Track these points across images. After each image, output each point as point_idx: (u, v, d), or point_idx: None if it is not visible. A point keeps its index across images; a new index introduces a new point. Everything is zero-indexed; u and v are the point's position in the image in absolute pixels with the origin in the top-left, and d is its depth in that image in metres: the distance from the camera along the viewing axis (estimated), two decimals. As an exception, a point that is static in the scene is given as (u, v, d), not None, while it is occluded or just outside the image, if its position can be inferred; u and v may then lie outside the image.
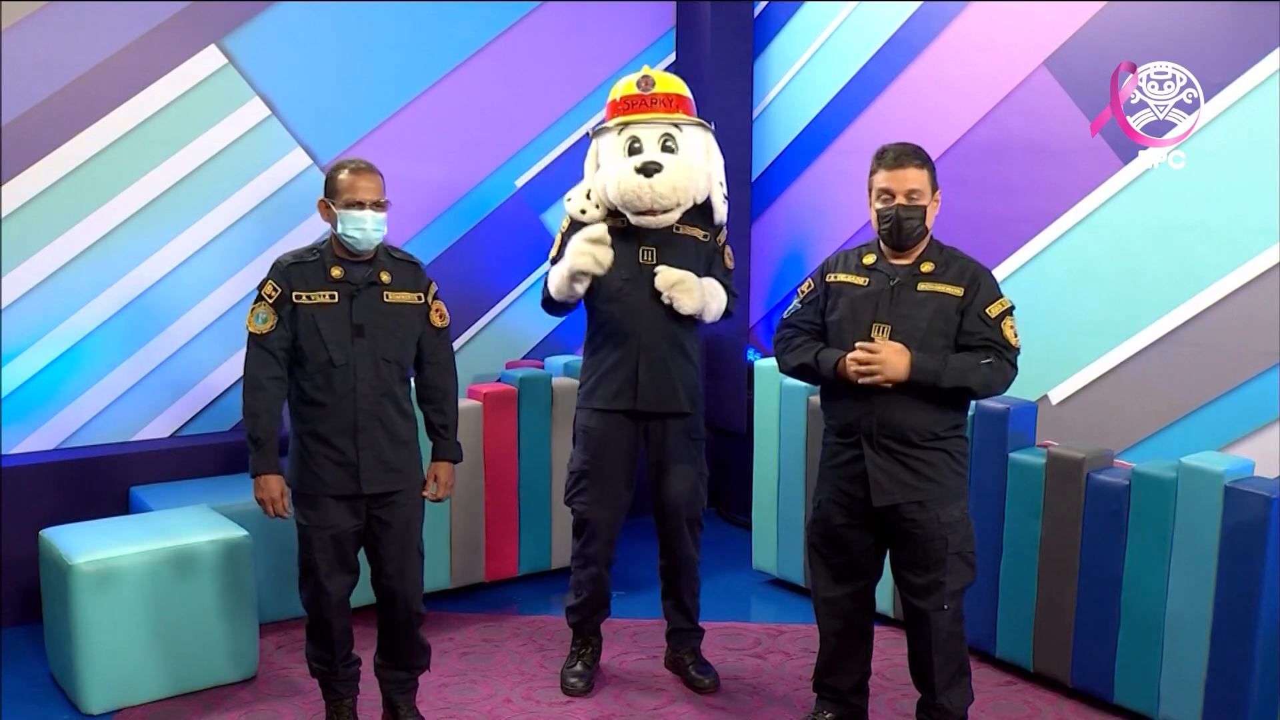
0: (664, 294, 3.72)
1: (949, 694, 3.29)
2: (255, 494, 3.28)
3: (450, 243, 5.19)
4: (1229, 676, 3.41)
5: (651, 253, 3.77)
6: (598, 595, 3.91)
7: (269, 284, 3.27)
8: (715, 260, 3.91)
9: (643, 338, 3.76)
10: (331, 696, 3.50)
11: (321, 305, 3.26)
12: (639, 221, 3.73)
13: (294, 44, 4.74)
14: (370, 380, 3.28)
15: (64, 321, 4.44)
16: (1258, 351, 3.83)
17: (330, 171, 3.33)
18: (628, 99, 3.83)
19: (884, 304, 3.21)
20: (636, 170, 3.66)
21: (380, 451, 3.31)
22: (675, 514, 3.87)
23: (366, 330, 3.27)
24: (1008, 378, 3.19)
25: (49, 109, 4.31)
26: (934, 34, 4.78)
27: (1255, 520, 3.32)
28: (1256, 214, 3.81)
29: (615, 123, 3.82)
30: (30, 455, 4.41)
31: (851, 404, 3.22)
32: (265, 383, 3.25)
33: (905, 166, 3.16)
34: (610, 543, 3.87)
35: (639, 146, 3.76)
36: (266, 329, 3.25)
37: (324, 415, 3.27)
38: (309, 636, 3.43)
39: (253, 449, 3.26)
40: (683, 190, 3.71)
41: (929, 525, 3.18)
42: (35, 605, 4.16)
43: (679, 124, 3.81)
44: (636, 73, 3.89)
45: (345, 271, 3.28)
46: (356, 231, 3.24)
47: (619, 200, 3.70)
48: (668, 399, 3.79)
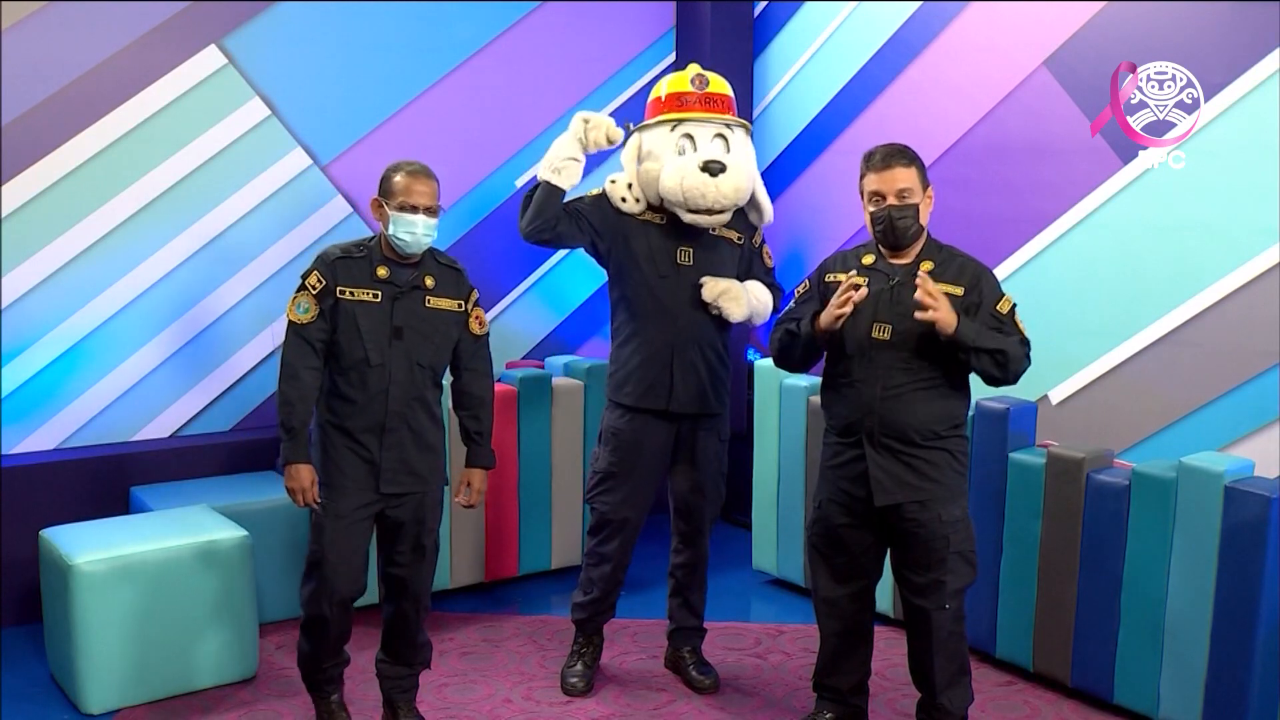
0: (711, 304, 3.71)
1: (949, 694, 3.29)
2: (286, 483, 3.27)
3: (450, 243, 5.18)
4: (1229, 676, 3.41)
5: (688, 253, 3.76)
6: (608, 595, 3.90)
7: (314, 274, 3.26)
8: (755, 261, 3.92)
9: (676, 338, 3.74)
10: (317, 694, 3.50)
11: (363, 303, 3.26)
12: (693, 219, 3.70)
13: (294, 44, 4.74)
14: (403, 383, 3.28)
15: (64, 321, 4.44)
16: (1258, 351, 3.83)
17: (387, 171, 3.33)
18: (681, 96, 3.79)
19: (884, 304, 3.21)
20: (701, 168, 3.63)
21: (404, 453, 3.31)
22: (700, 514, 3.88)
23: (405, 333, 3.28)
24: (1027, 362, 3.19)
25: (49, 109, 4.31)
26: (934, 34, 4.78)
27: (1255, 520, 3.32)
28: (1256, 214, 3.81)
29: (668, 118, 3.78)
30: (30, 455, 4.41)
31: (853, 404, 3.22)
32: (302, 372, 3.24)
33: (892, 167, 3.17)
34: (630, 544, 3.86)
35: (693, 142, 3.74)
36: (307, 319, 3.24)
37: (353, 412, 3.27)
38: (303, 632, 3.41)
39: (286, 438, 3.24)
40: (742, 193, 3.71)
41: (930, 525, 3.18)
42: (35, 605, 4.16)
43: (731, 125, 3.80)
44: (686, 69, 3.86)
45: (391, 272, 3.29)
46: (407, 235, 3.25)
47: (678, 196, 3.66)
48: (700, 400, 3.78)
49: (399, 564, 3.40)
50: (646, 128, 3.83)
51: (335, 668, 3.49)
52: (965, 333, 3.08)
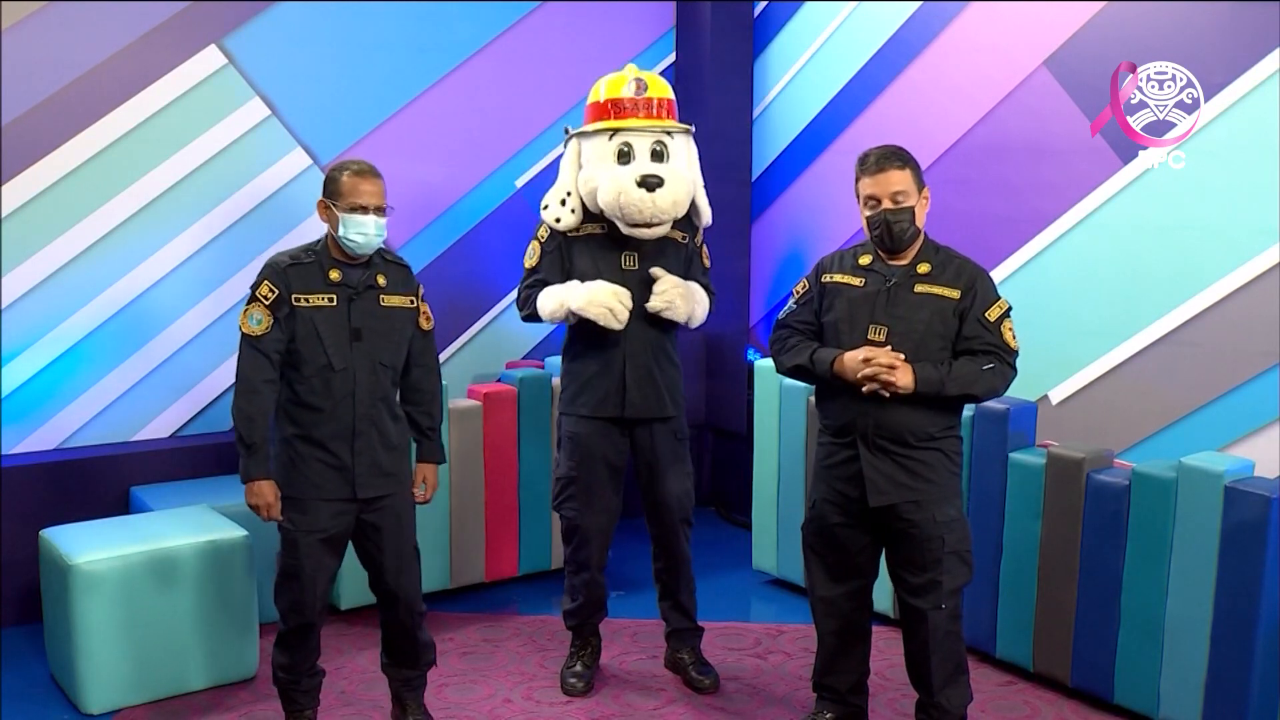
0: (656, 300, 3.69)
1: (947, 693, 3.29)
2: (248, 499, 3.22)
3: (450, 243, 5.19)
4: (1229, 676, 3.41)
5: (634, 258, 3.76)
6: (593, 599, 3.91)
7: (265, 285, 3.20)
8: (694, 261, 3.91)
9: (627, 345, 3.73)
10: (292, 708, 3.44)
11: (319, 308, 3.22)
12: (632, 233, 3.69)
13: (294, 44, 4.74)
14: (368, 384, 3.26)
15: (64, 322, 4.44)
16: (1258, 351, 3.82)
17: (331, 172, 3.29)
18: (616, 103, 3.76)
19: (881, 305, 3.21)
20: (638, 183, 3.61)
21: (375, 456, 3.28)
22: (669, 515, 3.87)
23: (364, 334, 3.25)
24: (1008, 379, 3.21)
25: (49, 109, 4.31)
26: (934, 34, 4.78)
27: (1255, 520, 3.32)
28: (1256, 214, 3.81)
29: (605, 127, 3.75)
30: (30, 455, 4.41)
31: (847, 405, 3.22)
32: (259, 385, 3.19)
33: (887, 170, 3.16)
34: (602, 548, 3.87)
35: (630, 153, 3.72)
36: (261, 330, 3.19)
37: (320, 420, 3.22)
38: (280, 644, 3.37)
39: (245, 453, 3.19)
40: (680, 204, 3.69)
41: (925, 525, 3.18)
42: (35, 605, 4.16)
43: (670, 131, 3.78)
44: (620, 72, 3.83)
45: (343, 274, 3.25)
46: (359, 236, 3.21)
47: (616, 210, 3.65)
48: (654, 405, 3.78)
49: (386, 578, 3.38)
50: (585, 135, 3.81)
51: (312, 679, 3.44)
52: (927, 387, 3.10)
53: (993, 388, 3.18)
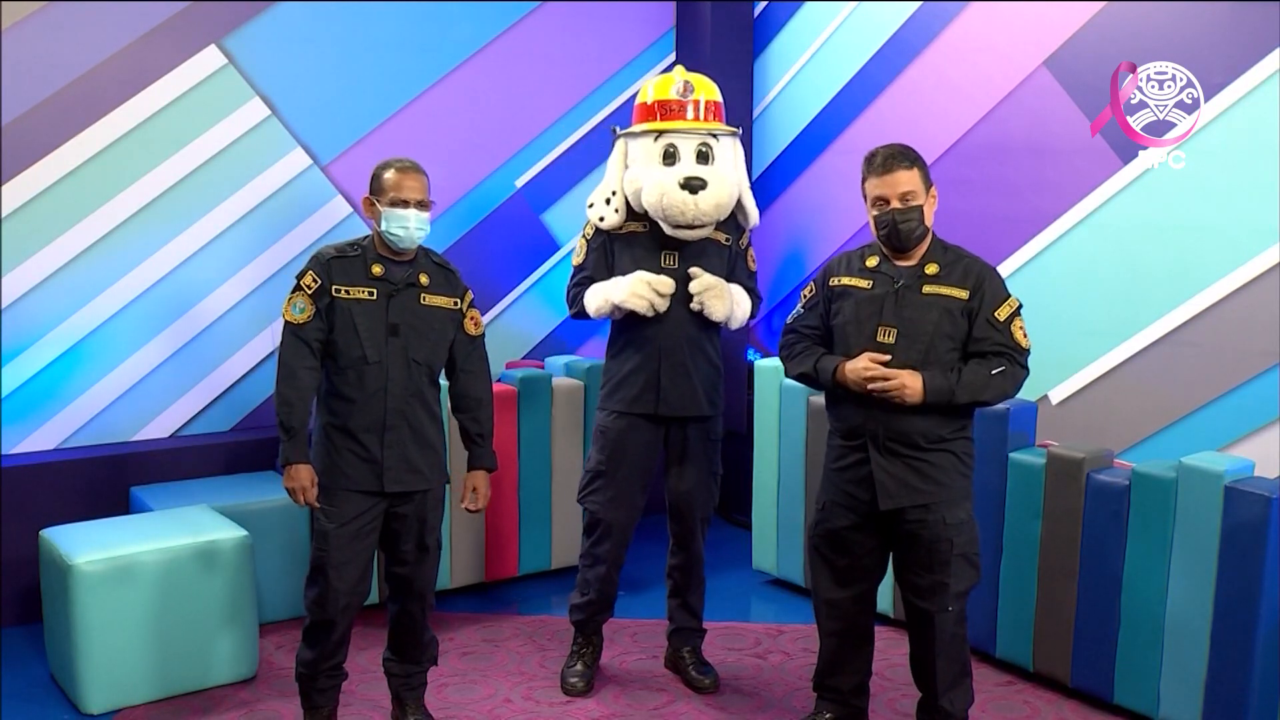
0: (694, 299, 3.72)
1: (951, 695, 3.29)
2: (285, 482, 3.27)
3: (450, 243, 5.18)
4: (1229, 676, 3.41)
5: (674, 257, 3.76)
6: (604, 596, 3.91)
7: (309, 274, 3.27)
8: (739, 263, 3.91)
9: (664, 341, 3.74)
10: (308, 704, 3.45)
11: (359, 301, 3.26)
12: (675, 233, 3.71)
13: (294, 44, 4.74)
14: (401, 380, 3.29)
15: (64, 321, 4.44)
16: (1258, 351, 3.83)
17: (376, 169, 3.33)
18: (664, 104, 3.78)
19: (889, 307, 3.19)
20: (681, 185, 3.63)
21: (405, 451, 3.31)
22: (690, 514, 3.88)
23: (401, 330, 3.28)
24: (1019, 381, 3.19)
25: (49, 109, 4.31)
26: (934, 34, 4.78)
27: (1255, 520, 3.32)
28: (1256, 214, 3.81)
29: (652, 128, 3.77)
30: (30, 455, 4.41)
31: (857, 408, 3.21)
32: (300, 371, 3.25)
33: (894, 170, 3.15)
34: (622, 544, 3.87)
35: (675, 154, 3.73)
36: (303, 319, 3.25)
37: (353, 411, 3.27)
38: (305, 638, 3.39)
39: (284, 437, 3.24)
40: (724, 207, 3.70)
41: (934, 527, 3.17)
42: (35, 605, 4.16)
43: (716, 134, 3.79)
44: (669, 74, 3.84)
45: (386, 270, 3.29)
46: (400, 229, 3.25)
47: (659, 211, 3.67)
48: (689, 403, 3.78)
49: (403, 563, 3.40)
50: (632, 135, 3.83)
51: (332, 679, 3.45)
52: (936, 397, 3.09)
53: (1003, 392, 3.16)
